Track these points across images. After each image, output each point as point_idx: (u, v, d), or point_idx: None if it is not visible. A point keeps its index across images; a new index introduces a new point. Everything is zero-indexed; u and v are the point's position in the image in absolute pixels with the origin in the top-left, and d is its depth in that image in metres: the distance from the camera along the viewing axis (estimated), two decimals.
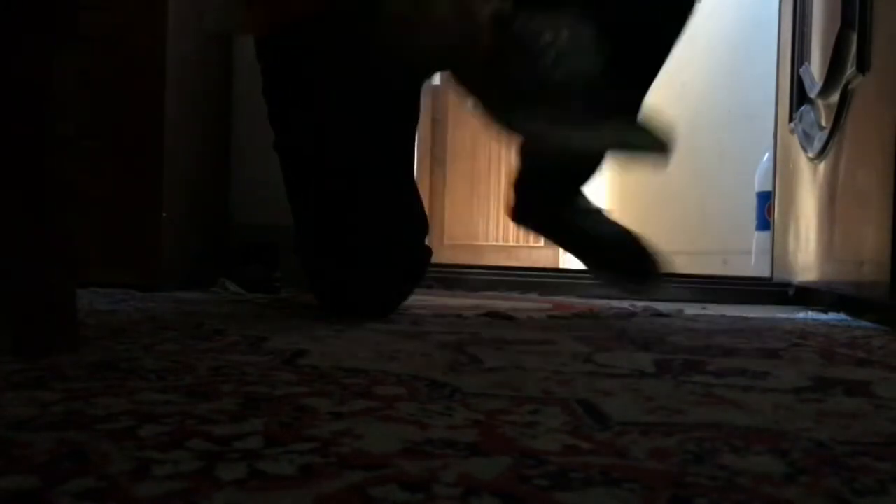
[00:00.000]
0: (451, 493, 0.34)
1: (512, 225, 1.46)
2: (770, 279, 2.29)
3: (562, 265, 3.57)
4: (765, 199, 2.79)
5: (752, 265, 3.04)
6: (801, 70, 1.98)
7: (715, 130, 3.93)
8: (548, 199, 1.28)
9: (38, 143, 0.68)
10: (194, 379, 0.59)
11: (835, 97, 1.60)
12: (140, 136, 1.61)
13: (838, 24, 1.54)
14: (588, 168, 1.25)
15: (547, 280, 1.98)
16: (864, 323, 1.40)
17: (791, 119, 2.07)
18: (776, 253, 2.28)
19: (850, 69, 1.48)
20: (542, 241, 3.60)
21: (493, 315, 1.20)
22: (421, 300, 1.38)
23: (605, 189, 3.79)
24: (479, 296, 1.71)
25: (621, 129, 0.76)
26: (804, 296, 1.95)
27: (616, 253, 1.28)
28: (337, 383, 0.59)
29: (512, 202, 1.32)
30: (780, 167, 2.26)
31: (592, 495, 0.35)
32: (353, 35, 0.99)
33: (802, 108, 1.95)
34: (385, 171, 1.11)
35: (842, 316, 1.58)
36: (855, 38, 1.45)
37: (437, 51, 0.88)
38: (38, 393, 0.52)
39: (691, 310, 1.59)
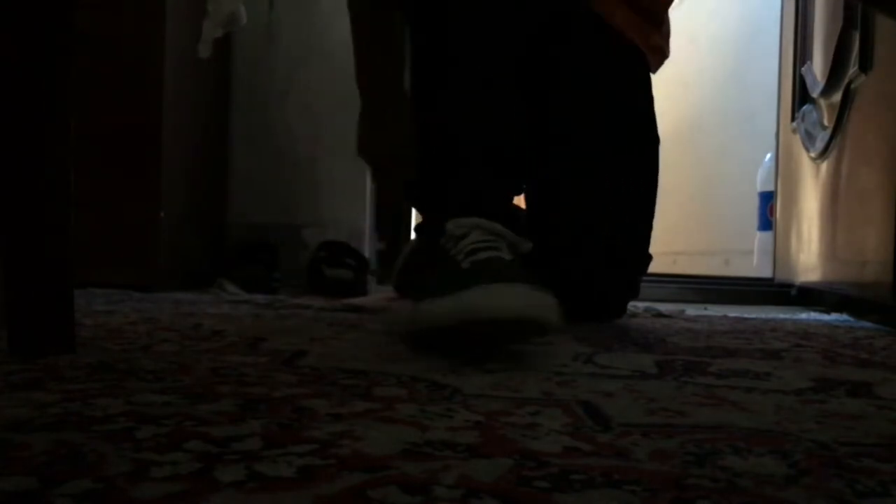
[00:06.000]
0: (451, 495, 0.34)
1: None
2: (772, 279, 2.29)
3: None
4: (767, 199, 2.79)
5: (754, 265, 3.04)
6: (802, 69, 1.98)
7: (717, 130, 3.93)
8: None
9: (37, 143, 0.68)
10: (192, 380, 0.59)
11: (837, 96, 1.60)
12: (138, 136, 1.60)
13: (840, 24, 1.54)
14: None
15: None
16: (866, 324, 1.40)
17: (793, 118, 2.07)
18: (778, 253, 2.27)
19: (853, 68, 1.48)
20: None
21: None
22: None
23: None
24: None
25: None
26: (806, 296, 1.95)
27: None
28: (336, 384, 0.59)
29: None
30: (782, 167, 2.26)
31: (593, 497, 0.35)
32: None
33: (804, 107, 1.95)
34: None
35: (844, 317, 1.58)
36: (857, 37, 1.45)
37: None
38: (35, 394, 0.52)
39: (693, 310, 1.59)
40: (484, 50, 0.92)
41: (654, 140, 1.20)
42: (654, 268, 1.25)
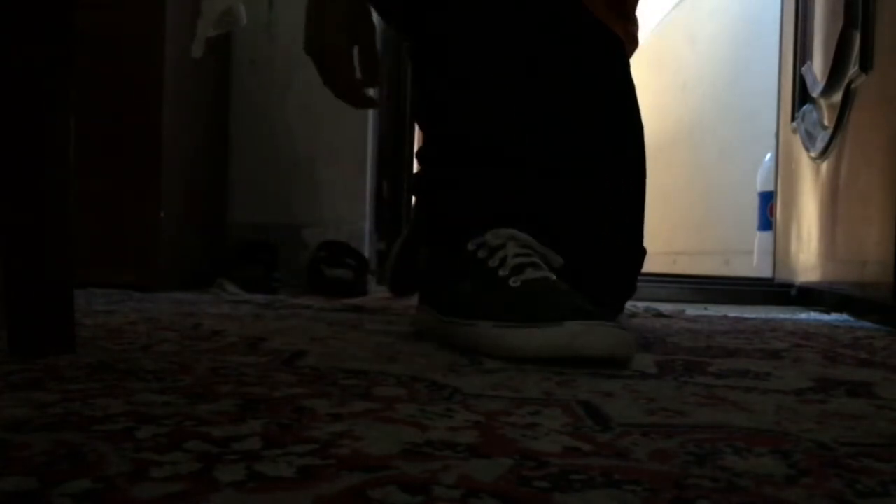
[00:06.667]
0: (451, 495, 0.34)
1: None
2: (772, 279, 2.29)
3: None
4: (767, 198, 2.79)
5: (754, 265, 3.04)
6: (803, 69, 1.98)
7: (717, 130, 3.93)
8: None
9: (37, 142, 0.68)
10: (192, 380, 0.59)
11: (837, 96, 1.60)
12: (138, 135, 1.60)
13: (841, 23, 1.54)
14: None
15: None
16: (866, 324, 1.40)
17: (793, 118, 2.07)
18: (778, 253, 2.28)
19: (853, 68, 1.48)
20: None
21: None
22: None
23: None
24: None
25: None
26: (806, 296, 1.95)
27: None
28: (336, 384, 0.59)
29: None
30: (783, 167, 2.26)
31: (593, 497, 0.35)
32: None
33: (805, 107, 1.95)
34: None
35: (844, 317, 1.58)
36: (857, 36, 1.45)
37: None
38: (35, 394, 0.52)
39: (693, 310, 1.59)
40: (495, 56, 0.94)
41: (642, 130, 1.20)
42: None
